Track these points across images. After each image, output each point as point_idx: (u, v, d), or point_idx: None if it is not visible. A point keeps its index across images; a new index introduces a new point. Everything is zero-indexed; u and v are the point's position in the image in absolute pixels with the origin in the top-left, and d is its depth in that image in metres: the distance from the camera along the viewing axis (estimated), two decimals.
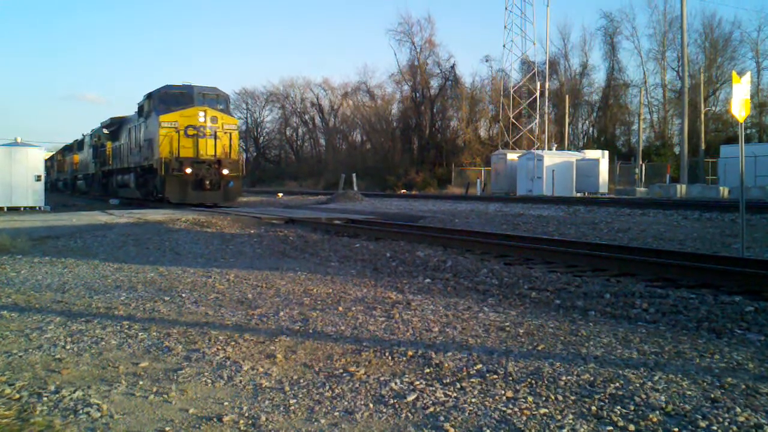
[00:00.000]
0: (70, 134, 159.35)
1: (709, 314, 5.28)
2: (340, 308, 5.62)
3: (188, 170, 21.32)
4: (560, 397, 3.36)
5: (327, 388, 3.53)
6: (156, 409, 3.22)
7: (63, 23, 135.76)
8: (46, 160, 60.18)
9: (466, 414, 3.14)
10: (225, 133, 22.22)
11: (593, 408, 3.21)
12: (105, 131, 32.12)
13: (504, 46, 51.47)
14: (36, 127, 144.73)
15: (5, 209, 20.64)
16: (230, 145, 22.33)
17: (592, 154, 38.68)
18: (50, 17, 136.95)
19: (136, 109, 25.77)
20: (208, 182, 21.62)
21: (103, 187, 33.57)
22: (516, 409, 3.19)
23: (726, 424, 3.02)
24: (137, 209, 19.58)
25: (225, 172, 21.92)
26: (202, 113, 21.84)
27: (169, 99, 22.50)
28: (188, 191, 21.54)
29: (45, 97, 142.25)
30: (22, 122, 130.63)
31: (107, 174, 32.02)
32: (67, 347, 4.35)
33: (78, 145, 42.92)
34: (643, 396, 3.36)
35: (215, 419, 3.08)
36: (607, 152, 40.34)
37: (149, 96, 23.55)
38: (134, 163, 25.37)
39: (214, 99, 23.05)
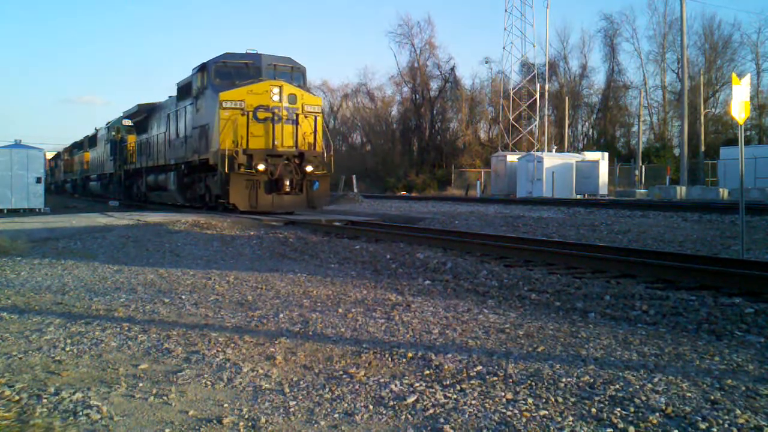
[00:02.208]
0: (70, 136, 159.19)
1: (709, 316, 5.28)
2: (340, 310, 5.62)
3: (261, 167, 15.98)
4: (560, 399, 3.36)
5: (327, 389, 3.53)
6: (156, 411, 3.22)
7: (60, 25, 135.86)
8: (50, 160, 58.12)
9: (466, 416, 3.14)
10: (306, 116, 16.89)
11: (593, 410, 3.21)
12: (127, 123, 27.27)
13: (504, 48, 51.46)
14: (36, 129, 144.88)
15: (5, 211, 20.64)
16: (314, 133, 16.97)
17: (591, 155, 38.70)
18: (47, 19, 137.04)
19: (176, 91, 20.39)
20: (287, 183, 16.30)
21: (125, 189, 27.79)
22: (516, 411, 3.19)
23: (726, 426, 3.02)
24: (137, 211, 19.51)
25: (308, 169, 16.57)
26: (276, 89, 16.44)
27: (230, 71, 17.27)
28: (261, 195, 16.21)
29: (44, 100, 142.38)
30: (23, 125, 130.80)
31: (131, 174, 26.65)
32: (67, 349, 4.35)
33: (89, 142, 37.52)
34: (643, 398, 3.36)
35: (215, 421, 3.08)
36: (606, 154, 40.38)
37: (202, 68, 17.79)
38: (175, 158, 19.92)
39: (288, 72, 17.74)
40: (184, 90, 19.39)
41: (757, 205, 19.33)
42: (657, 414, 3.14)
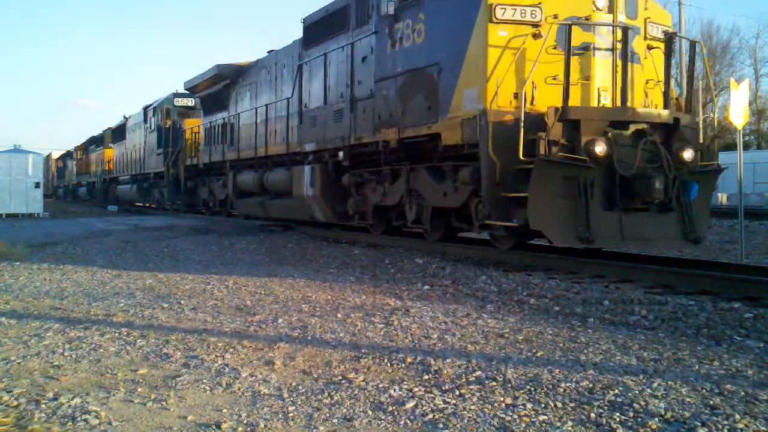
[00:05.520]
0: (71, 138, 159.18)
1: (708, 321, 5.28)
2: (339, 315, 5.61)
3: (600, 148, 7.15)
4: (559, 404, 3.35)
5: (326, 394, 3.52)
6: (154, 416, 3.21)
7: (60, 25, 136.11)
8: (57, 159, 53.09)
9: (465, 421, 3.14)
10: (651, 48, 8.37)
11: (592, 415, 3.20)
12: (181, 102, 21.20)
13: None
14: (35, 134, 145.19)
15: (3, 216, 20.63)
16: (689, 83, 9.14)
17: None
18: (46, 20, 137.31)
19: (302, 31, 12.46)
20: (659, 186, 7.39)
21: (188, 195, 20.47)
22: (515, 416, 3.19)
23: (725, 431, 3.01)
24: (136, 215, 19.45)
25: (687, 155, 7.72)
26: None
27: None
28: (595, 212, 7.34)
29: (43, 103, 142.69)
30: (22, 128, 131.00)
31: (198, 173, 19.30)
32: (66, 354, 4.34)
33: (114, 135, 30.69)
34: (642, 403, 3.36)
35: (214, 426, 3.08)
36: None
37: None
38: (316, 141, 11.80)
39: None
40: (337, 19, 11.15)
41: (756, 210, 19.34)
42: (656, 419, 3.14)
